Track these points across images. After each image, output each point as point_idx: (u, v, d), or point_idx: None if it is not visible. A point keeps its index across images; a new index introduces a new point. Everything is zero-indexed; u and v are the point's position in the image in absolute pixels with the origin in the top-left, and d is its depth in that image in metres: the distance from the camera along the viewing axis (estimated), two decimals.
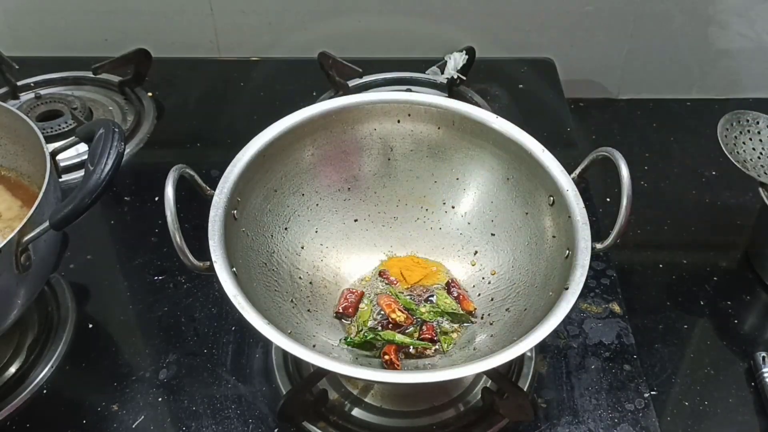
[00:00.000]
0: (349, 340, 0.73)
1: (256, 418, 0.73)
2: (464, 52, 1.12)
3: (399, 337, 0.72)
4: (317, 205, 0.80)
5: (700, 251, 0.94)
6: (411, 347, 0.73)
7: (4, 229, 0.78)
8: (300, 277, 0.77)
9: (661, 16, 1.13)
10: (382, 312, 0.75)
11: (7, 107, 0.79)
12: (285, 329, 0.64)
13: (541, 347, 0.79)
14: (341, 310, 0.76)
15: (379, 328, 0.74)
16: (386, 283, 0.78)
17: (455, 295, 0.77)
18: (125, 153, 0.70)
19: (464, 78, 1.12)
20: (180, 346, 0.79)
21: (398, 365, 0.71)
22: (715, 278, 0.90)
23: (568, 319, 0.81)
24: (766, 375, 0.76)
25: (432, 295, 0.77)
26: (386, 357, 0.71)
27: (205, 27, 1.18)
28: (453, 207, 0.82)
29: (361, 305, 0.77)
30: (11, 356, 0.78)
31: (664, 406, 0.76)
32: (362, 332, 0.73)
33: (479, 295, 0.78)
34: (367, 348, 0.73)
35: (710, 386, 0.78)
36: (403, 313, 0.74)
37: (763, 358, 0.78)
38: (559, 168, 0.73)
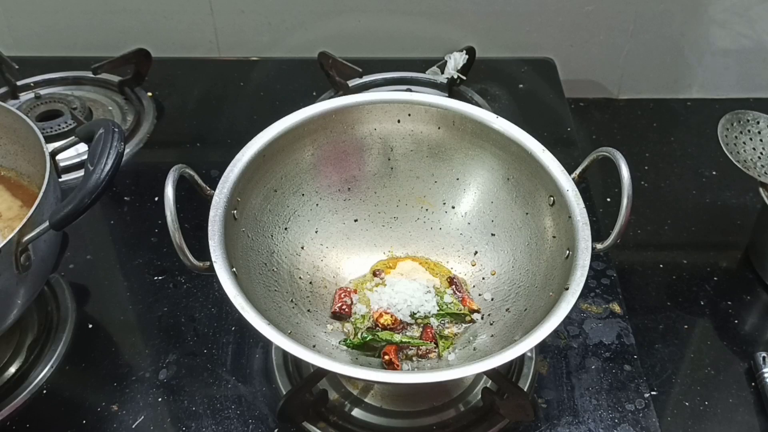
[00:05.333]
0: (348, 341, 0.73)
1: (256, 419, 0.73)
2: (464, 52, 1.12)
3: (398, 337, 0.72)
4: (317, 205, 0.80)
5: (700, 251, 0.94)
6: (411, 348, 0.73)
7: (4, 229, 0.78)
8: (300, 277, 0.77)
9: (661, 16, 1.13)
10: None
11: (7, 107, 0.79)
12: (285, 329, 0.64)
13: (541, 347, 0.79)
14: (337, 310, 0.76)
15: (378, 328, 0.74)
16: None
17: (458, 295, 0.77)
18: (125, 153, 0.70)
19: (464, 78, 1.12)
20: (180, 346, 0.79)
21: (398, 365, 0.71)
22: (715, 278, 0.90)
23: (568, 320, 0.81)
24: (766, 375, 0.76)
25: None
26: (386, 357, 0.71)
27: (205, 27, 1.18)
28: (453, 207, 0.82)
29: (354, 308, 0.77)
30: (11, 356, 0.78)
31: (665, 406, 0.76)
32: (360, 334, 0.73)
33: (479, 295, 0.78)
34: (368, 348, 0.73)
35: (710, 386, 0.78)
36: (390, 315, 0.74)
37: (764, 358, 0.78)
38: (559, 168, 0.73)
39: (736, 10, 1.12)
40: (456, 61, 1.11)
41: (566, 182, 0.71)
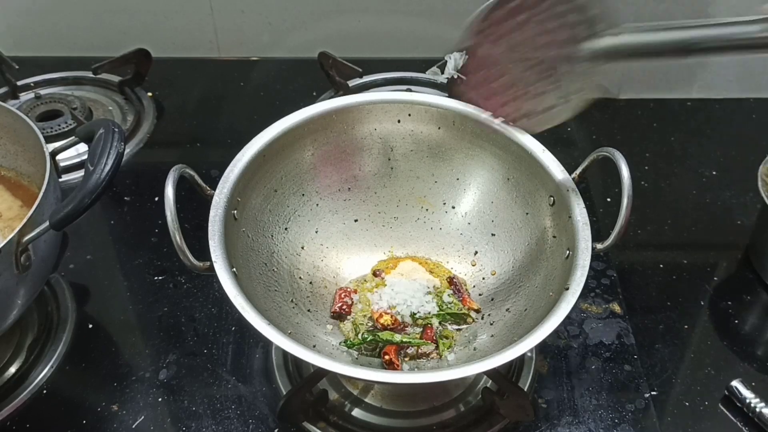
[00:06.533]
0: (348, 342, 0.73)
1: (256, 418, 0.73)
2: (464, 52, 1.12)
3: (398, 337, 0.72)
4: (317, 205, 0.80)
5: (700, 251, 0.94)
6: (411, 348, 0.73)
7: (4, 228, 0.78)
8: (300, 277, 0.77)
9: (661, 16, 1.13)
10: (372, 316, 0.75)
11: (7, 107, 0.79)
12: (285, 329, 0.64)
13: (541, 347, 0.79)
14: (337, 310, 0.76)
15: (378, 326, 0.74)
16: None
17: (458, 295, 0.77)
18: (125, 153, 0.70)
19: (464, 78, 1.11)
20: (180, 346, 0.79)
21: (398, 365, 0.71)
22: (715, 278, 0.90)
23: (568, 320, 0.81)
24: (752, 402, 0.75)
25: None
26: (386, 357, 0.71)
27: (205, 27, 1.18)
28: (453, 207, 0.82)
29: (354, 308, 0.77)
30: (11, 356, 0.78)
31: (665, 406, 0.76)
32: (360, 334, 0.73)
33: (480, 295, 0.78)
34: (368, 348, 0.73)
35: (710, 386, 0.78)
36: (390, 316, 0.74)
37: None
38: (559, 168, 0.73)
39: (737, 10, 1.11)
40: (456, 61, 1.11)
41: (566, 182, 0.71)
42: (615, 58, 0.63)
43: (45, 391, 0.75)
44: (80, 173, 0.94)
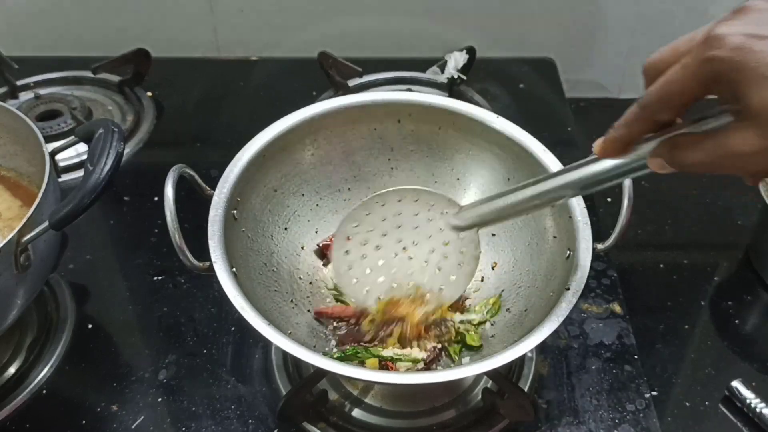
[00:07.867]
0: (327, 353, 0.71)
1: (256, 419, 0.73)
2: (465, 51, 1.12)
3: (387, 353, 0.71)
4: (317, 205, 0.80)
5: (700, 251, 0.94)
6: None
7: (4, 228, 0.77)
8: (300, 277, 0.77)
9: (661, 16, 1.13)
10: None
11: (7, 107, 0.79)
12: (285, 330, 0.64)
13: (541, 347, 0.79)
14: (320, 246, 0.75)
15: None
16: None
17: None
18: (125, 153, 0.70)
19: (465, 78, 1.12)
20: (180, 347, 0.79)
21: (393, 368, 0.71)
22: (715, 278, 0.90)
23: (568, 320, 0.81)
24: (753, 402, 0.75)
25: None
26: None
27: (204, 26, 1.18)
28: None
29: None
30: (11, 356, 0.78)
31: (665, 406, 0.76)
32: (346, 346, 0.72)
33: (480, 296, 0.77)
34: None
35: (710, 386, 0.78)
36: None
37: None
38: (559, 168, 0.72)
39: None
40: (456, 60, 1.11)
41: None
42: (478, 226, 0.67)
43: (44, 392, 0.75)
44: (80, 173, 0.93)
